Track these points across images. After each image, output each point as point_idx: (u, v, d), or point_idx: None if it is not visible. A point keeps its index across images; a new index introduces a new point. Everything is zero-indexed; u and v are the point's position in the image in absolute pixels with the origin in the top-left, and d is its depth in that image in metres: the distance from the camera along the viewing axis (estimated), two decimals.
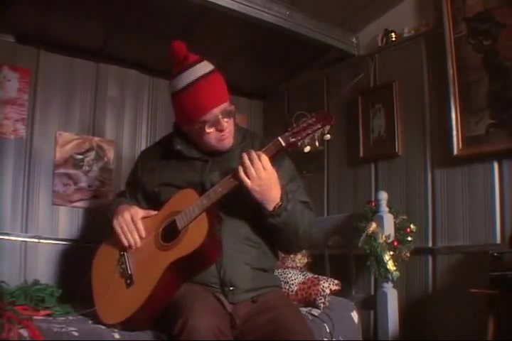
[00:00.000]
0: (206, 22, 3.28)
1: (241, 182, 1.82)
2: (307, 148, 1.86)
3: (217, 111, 1.92)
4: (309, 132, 1.82)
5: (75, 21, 3.19)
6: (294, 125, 1.84)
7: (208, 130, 1.94)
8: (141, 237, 1.96)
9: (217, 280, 1.89)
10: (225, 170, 1.97)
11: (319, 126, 1.82)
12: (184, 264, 1.83)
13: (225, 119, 1.95)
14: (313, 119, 1.83)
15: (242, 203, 1.89)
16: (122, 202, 2.14)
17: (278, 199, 1.86)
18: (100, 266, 2.06)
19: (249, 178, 1.81)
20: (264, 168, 1.81)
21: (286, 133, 1.83)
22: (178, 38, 1.97)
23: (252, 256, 1.96)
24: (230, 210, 1.94)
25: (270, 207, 1.86)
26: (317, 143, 1.86)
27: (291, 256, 3.08)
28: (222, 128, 1.95)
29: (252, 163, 1.81)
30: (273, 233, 1.96)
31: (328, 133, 1.84)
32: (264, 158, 1.82)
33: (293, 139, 1.82)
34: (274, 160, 1.87)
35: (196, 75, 1.93)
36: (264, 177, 1.81)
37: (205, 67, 1.97)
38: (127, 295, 1.88)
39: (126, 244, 1.96)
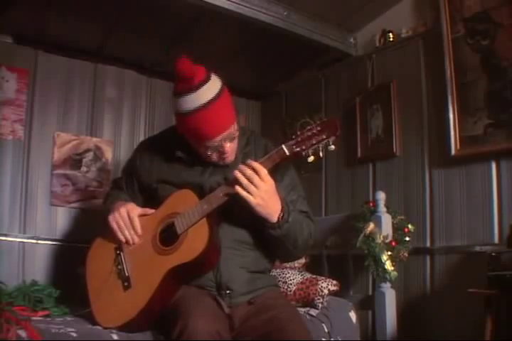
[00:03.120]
0: (204, 23, 3.28)
1: (244, 200, 1.78)
2: (311, 158, 1.82)
3: (219, 138, 1.86)
4: (314, 142, 1.78)
5: (73, 22, 3.19)
6: (299, 132, 1.80)
7: (208, 153, 1.92)
8: (137, 234, 1.94)
9: (214, 284, 1.88)
10: (227, 175, 1.95)
11: (324, 137, 1.77)
12: (184, 270, 1.82)
13: (228, 142, 1.90)
14: (318, 128, 1.79)
15: (238, 206, 1.85)
16: (119, 197, 2.11)
17: (279, 211, 1.83)
18: (96, 262, 2.04)
19: (251, 195, 1.77)
20: (262, 180, 1.77)
21: (291, 142, 1.79)
22: (176, 38, 1.96)
23: (248, 259, 1.94)
24: (226, 213, 1.90)
25: (274, 219, 1.83)
26: (321, 154, 1.83)
27: None
28: (224, 152, 1.91)
29: (249, 179, 1.77)
30: (271, 243, 1.93)
31: (332, 144, 1.79)
32: (262, 170, 1.78)
33: (297, 149, 1.78)
34: (277, 168, 1.85)
35: (200, 102, 1.81)
36: (264, 189, 1.77)
37: (211, 90, 1.84)
38: (125, 299, 1.87)
39: (123, 239, 1.94)
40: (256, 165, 1.78)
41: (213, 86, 1.85)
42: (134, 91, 3.84)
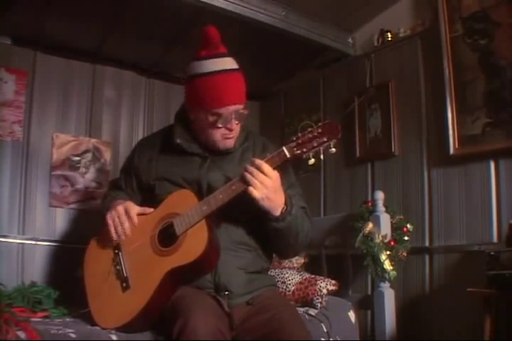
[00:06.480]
0: (203, 23, 3.26)
1: (249, 194, 1.78)
2: (311, 161, 1.82)
3: (232, 108, 1.89)
4: (315, 145, 1.78)
5: (71, 23, 3.19)
6: (299, 134, 1.81)
7: (219, 125, 1.91)
8: (134, 228, 1.94)
9: (212, 285, 1.88)
10: (224, 171, 1.96)
11: (325, 140, 1.77)
12: (182, 272, 1.82)
13: (236, 121, 1.93)
14: (319, 130, 1.79)
15: (236, 207, 1.86)
16: (117, 196, 2.11)
17: (283, 204, 1.85)
18: (94, 262, 2.04)
19: (255, 189, 1.78)
20: (267, 176, 1.78)
21: (292, 144, 1.80)
22: (174, 39, 1.96)
23: (247, 260, 1.94)
24: (224, 214, 1.90)
25: (277, 212, 1.84)
26: (322, 157, 1.83)
27: None
28: (231, 128, 1.93)
29: (253, 175, 1.78)
30: (273, 237, 1.94)
31: (333, 147, 1.78)
32: (266, 167, 1.78)
33: (298, 151, 1.79)
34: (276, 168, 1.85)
35: (225, 66, 1.90)
36: (269, 185, 1.78)
37: (233, 63, 1.95)
38: (124, 300, 1.87)
39: (115, 237, 1.94)
40: (258, 161, 1.79)
41: (234, 63, 1.97)
42: (133, 92, 3.84)
